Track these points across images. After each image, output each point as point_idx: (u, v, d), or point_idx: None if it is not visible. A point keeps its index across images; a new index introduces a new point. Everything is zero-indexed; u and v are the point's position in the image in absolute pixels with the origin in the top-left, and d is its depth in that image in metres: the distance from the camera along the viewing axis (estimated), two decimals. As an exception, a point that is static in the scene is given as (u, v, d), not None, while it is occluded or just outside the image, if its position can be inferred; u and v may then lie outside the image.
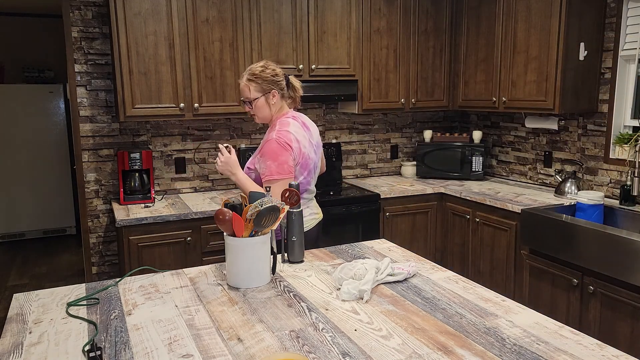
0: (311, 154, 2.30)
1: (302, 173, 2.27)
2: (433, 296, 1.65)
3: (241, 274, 1.73)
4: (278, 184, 2.13)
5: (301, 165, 2.25)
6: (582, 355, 1.26)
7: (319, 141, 2.41)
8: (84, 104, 3.29)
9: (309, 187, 2.38)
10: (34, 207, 5.86)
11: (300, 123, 2.28)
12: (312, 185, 2.40)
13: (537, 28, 3.17)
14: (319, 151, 2.40)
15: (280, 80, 2.24)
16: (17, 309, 1.59)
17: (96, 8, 3.25)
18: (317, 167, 2.40)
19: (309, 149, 2.28)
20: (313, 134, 2.35)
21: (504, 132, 3.97)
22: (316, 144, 2.37)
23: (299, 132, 2.24)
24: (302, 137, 2.26)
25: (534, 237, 2.86)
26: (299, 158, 2.23)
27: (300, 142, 2.24)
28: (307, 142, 2.28)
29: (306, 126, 2.32)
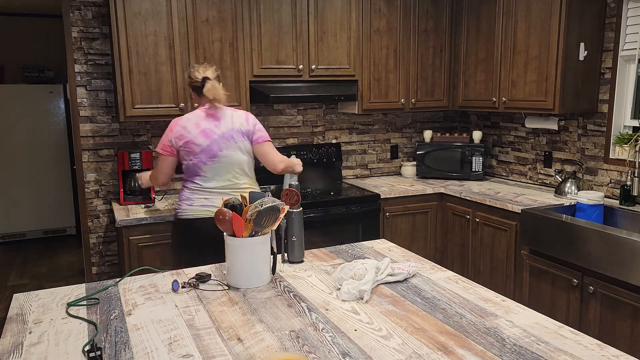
0: (197, 139, 2.47)
1: (189, 155, 2.51)
2: (433, 296, 1.65)
3: (241, 274, 1.73)
4: (158, 157, 2.57)
5: (185, 148, 2.50)
6: (582, 355, 1.26)
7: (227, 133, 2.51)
8: (84, 104, 3.29)
9: (201, 173, 2.51)
10: (34, 207, 5.86)
11: (204, 114, 2.53)
12: (205, 171, 2.51)
13: (537, 28, 3.17)
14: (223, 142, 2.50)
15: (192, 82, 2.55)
16: (17, 309, 1.59)
17: (96, 8, 3.25)
18: (214, 155, 2.49)
19: (194, 134, 2.48)
20: (221, 126, 2.52)
21: (504, 132, 3.97)
22: (221, 134, 2.50)
23: (191, 119, 2.52)
24: (193, 124, 2.50)
25: (534, 237, 2.86)
26: (179, 141, 2.50)
27: (185, 127, 2.50)
28: (197, 129, 2.49)
29: (215, 117, 2.53)
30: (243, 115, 2.60)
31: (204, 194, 2.53)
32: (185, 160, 2.52)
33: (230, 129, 2.53)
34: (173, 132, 2.52)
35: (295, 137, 3.89)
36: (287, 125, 3.85)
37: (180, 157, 2.55)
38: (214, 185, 2.53)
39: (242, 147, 2.56)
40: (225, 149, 2.51)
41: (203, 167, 2.51)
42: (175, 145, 2.52)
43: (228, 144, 2.52)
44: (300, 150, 3.79)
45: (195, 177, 2.54)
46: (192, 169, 2.53)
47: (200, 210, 2.51)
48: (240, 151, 2.55)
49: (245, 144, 2.57)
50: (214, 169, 2.51)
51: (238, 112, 2.60)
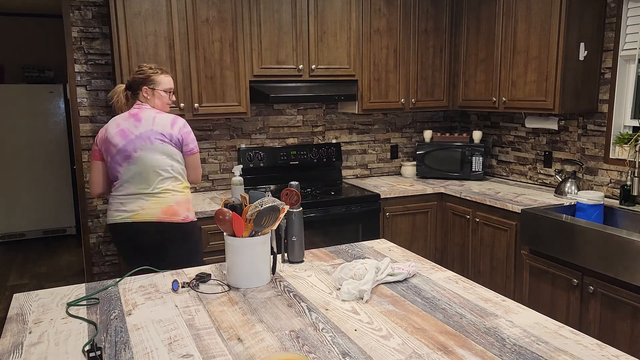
0: (114, 139, 2.38)
1: (106, 157, 2.44)
2: (433, 296, 1.65)
3: (241, 274, 1.73)
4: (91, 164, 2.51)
5: (104, 149, 2.43)
6: (582, 355, 1.26)
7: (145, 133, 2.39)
8: (84, 104, 3.29)
9: (118, 175, 2.41)
10: (34, 207, 5.86)
11: (128, 114, 2.46)
12: (122, 173, 2.40)
13: (537, 28, 3.17)
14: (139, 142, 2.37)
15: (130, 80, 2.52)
16: (17, 309, 1.59)
17: (96, 8, 3.25)
18: (129, 157, 2.37)
19: (112, 134, 2.40)
20: (141, 126, 2.40)
21: (504, 132, 3.97)
22: (138, 135, 2.38)
23: (116, 119, 2.45)
24: (114, 124, 2.43)
25: (534, 237, 2.86)
26: (101, 142, 2.44)
27: (107, 128, 2.43)
28: (116, 129, 2.40)
29: (136, 117, 2.43)
30: (169, 119, 2.44)
31: (120, 198, 2.41)
32: (105, 162, 2.45)
33: (149, 130, 2.38)
34: (99, 135, 2.46)
35: (295, 137, 3.89)
36: (287, 125, 3.85)
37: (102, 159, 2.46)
38: (129, 191, 2.39)
39: (162, 150, 2.39)
40: (140, 150, 2.37)
41: (119, 169, 2.39)
42: (100, 148, 2.44)
43: (144, 145, 2.37)
44: (300, 150, 3.79)
45: (114, 181, 2.44)
46: (110, 172, 2.43)
47: (115, 216, 2.41)
48: (159, 153, 2.39)
49: (167, 147, 2.41)
50: (129, 171, 2.38)
51: (163, 115, 2.46)
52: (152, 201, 2.39)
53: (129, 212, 2.39)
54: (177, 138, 2.44)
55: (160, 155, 2.39)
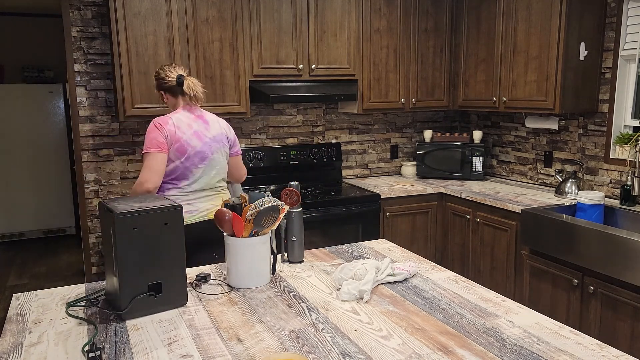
0: (192, 141, 2.38)
1: (179, 157, 2.37)
2: (433, 296, 1.65)
3: (241, 274, 1.73)
4: (147, 156, 2.32)
5: (177, 148, 2.36)
6: (583, 356, 1.26)
7: (218, 136, 2.46)
8: (83, 103, 3.29)
9: (190, 175, 2.39)
10: (34, 207, 5.86)
11: (193, 115, 2.44)
12: (195, 174, 2.40)
13: (538, 28, 3.17)
14: (214, 145, 2.44)
15: (166, 82, 2.44)
16: (16, 309, 1.59)
17: (96, 8, 3.25)
18: (205, 158, 2.41)
19: (188, 135, 2.37)
20: (212, 128, 2.46)
21: (504, 132, 3.97)
22: (212, 137, 2.44)
23: (182, 119, 2.39)
24: (185, 124, 2.38)
25: (534, 237, 2.86)
26: (172, 139, 2.35)
27: (179, 127, 2.37)
28: (190, 130, 2.38)
29: (204, 120, 2.45)
30: (226, 123, 2.56)
31: (187, 199, 2.40)
32: (174, 162, 2.37)
33: (220, 133, 2.49)
34: (165, 131, 2.35)
35: (295, 137, 3.89)
36: (287, 125, 3.85)
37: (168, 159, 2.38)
38: (197, 187, 2.42)
39: (225, 153, 2.53)
40: (216, 152, 2.46)
41: (194, 170, 2.40)
42: (169, 143, 2.36)
43: (218, 147, 2.47)
44: (300, 150, 3.79)
45: (181, 180, 2.40)
46: (181, 172, 2.39)
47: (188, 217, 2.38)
48: (224, 156, 2.52)
49: (227, 150, 2.54)
50: (203, 172, 2.43)
51: (221, 119, 2.55)
52: (218, 199, 2.51)
53: (202, 212, 2.44)
54: (232, 141, 2.57)
55: (224, 157, 2.52)
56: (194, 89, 2.41)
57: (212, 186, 2.49)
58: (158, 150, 2.33)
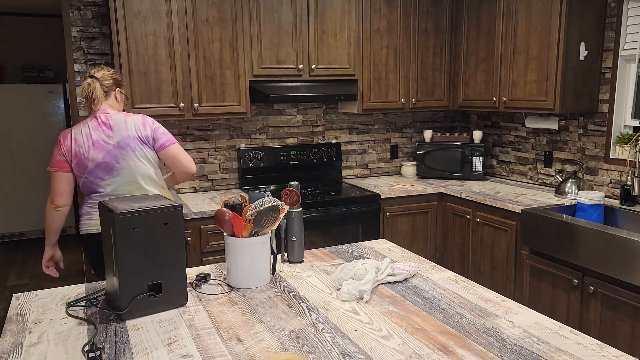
0: (90, 153, 2.21)
1: (82, 172, 2.24)
2: (433, 296, 1.65)
3: (241, 274, 1.73)
4: (51, 174, 2.27)
5: (76, 163, 2.24)
6: (583, 356, 1.26)
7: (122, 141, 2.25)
8: (83, 103, 3.29)
9: (99, 189, 2.26)
10: (34, 207, 5.86)
11: (97, 122, 2.25)
12: (104, 187, 2.26)
13: (538, 28, 3.17)
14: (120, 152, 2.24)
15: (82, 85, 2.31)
16: (16, 309, 1.59)
17: (96, 8, 3.25)
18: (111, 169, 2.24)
19: (85, 148, 2.21)
20: (116, 134, 2.24)
21: (504, 132, 3.97)
22: (116, 143, 2.23)
23: (83, 130, 2.24)
24: (85, 136, 2.23)
25: (534, 237, 2.86)
26: (70, 155, 2.24)
27: (76, 140, 2.23)
28: (88, 142, 2.22)
29: (108, 125, 2.25)
30: (139, 119, 2.31)
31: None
32: (80, 178, 2.26)
33: (127, 136, 2.25)
34: (63, 147, 2.23)
35: (295, 137, 3.89)
36: (287, 125, 3.85)
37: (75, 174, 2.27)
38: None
39: (142, 155, 2.29)
40: (124, 159, 2.25)
41: (100, 183, 2.25)
42: (68, 160, 2.24)
43: (125, 153, 2.25)
44: (300, 150, 3.79)
45: (93, 194, 2.28)
46: (88, 187, 2.26)
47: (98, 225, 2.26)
48: (143, 158, 2.29)
49: (146, 151, 2.30)
50: (113, 184, 2.26)
51: (133, 117, 2.30)
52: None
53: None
54: (151, 137, 2.31)
55: (141, 162, 2.28)
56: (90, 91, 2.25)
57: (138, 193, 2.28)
58: (56, 169, 2.26)
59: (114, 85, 2.36)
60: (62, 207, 2.28)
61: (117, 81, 2.38)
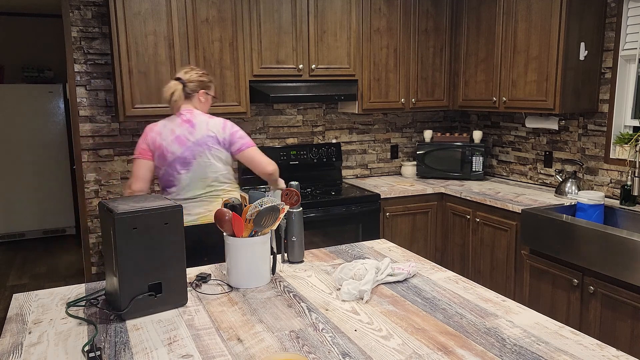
0: (171, 146, 2.37)
1: (162, 163, 2.40)
2: (433, 296, 1.65)
3: (241, 274, 1.73)
4: (134, 161, 2.42)
5: (159, 155, 2.39)
6: (583, 356, 1.26)
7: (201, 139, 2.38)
8: (83, 103, 3.29)
9: (175, 181, 2.40)
10: (34, 207, 5.86)
11: (180, 120, 2.41)
12: (180, 180, 2.39)
13: (538, 28, 3.17)
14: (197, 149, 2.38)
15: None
16: (16, 309, 1.59)
17: (96, 8, 3.25)
18: (187, 163, 2.38)
19: (168, 142, 2.37)
20: (197, 132, 2.39)
21: (504, 132, 3.97)
22: (195, 141, 2.38)
23: (167, 125, 2.40)
24: (169, 130, 2.39)
25: (534, 237, 2.86)
26: (154, 146, 2.40)
27: (161, 133, 2.39)
28: (172, 136, 2.38)
29: (190, 123, 2.41)
30: (220, 122, 2.45)
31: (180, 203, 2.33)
32: (160, 169, 2.41)
33: (205, 136, 2.40)
34: (148, 137, 2.40)
35: (295, 137, 3.89)
36: (287, 125, 3.85)
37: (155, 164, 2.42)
38: (188, 195, 2.41)
39: (217, 155, 2.43)
40: (200, 156, 2.39)
41: (177, 176, 2.39)
42: (151, 149, 2.40)
43: (201, 150, 2.39)
44: (300, 150, 3.79)
45: (169, 187, 2.43)
46: (166, 178, 2.42)
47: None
48: (215, 159, 2.42)
49: (222, 152, 2.44)
50: (188, 178, 2.40)
51: (215, 120, 2.45)
52: (215, 204, 2.46)
53: (193, 215, 2.41)
54: (229, 141, 2.44)
55: (215, 161, 2.42)
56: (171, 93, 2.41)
57: (204, 191, 2.43)
58: (139, 156, 2.41)
59: (199, 88, 2.47)
60: (137, 191, 2.40)
61: (203, 83, 2.48)
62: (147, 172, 2.41)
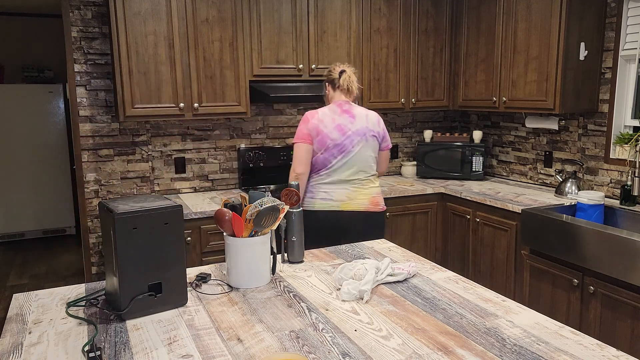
0: (332, 134, 2.59)
1: (320, 148, 2.62)
2: (433, 296, 1.65)
3: (241, 274, 1.73)
4: (294, 146, 2.63)
5: (318, 140, 2.60)
6: (583, 356, 1.26)
7: (361, 130, 2.63)
8: (83, 103, 3.29)
9: (329, 165, 2.62)
10: (34, 207, 5.86)
11: (340, 109, 2.64)
12: (333, 164, 2.62)
13: (538, 28, 3.17)
14: (356, 138, 2.62)
15: (331, 76, 2.71)
16: (16, 309, 1.59)
17: (96, 8, 3.25)
18: (344, 151, 2.61)
19: (330, 129, 2.59)
20: (356, 123, 2.63)
21: (504, 132, 3.97)
22: (355, 131, 2.62)
23: (327, 113, 2.63)
24: (329, 118, 2.61)
25: (534, 237, 2.86)
26: (313, 132, 2.60)
27: (322, 120, 2.60)
28: (333, 124, 2.60)
29: (350, 114, 2.64)
30: (376, 117, 2.70)
31: (326, 187, 2.64)
32: (317, 153, 2.62)
33: (364, 127, 2.64)
34: (309, 124, 2.61)
35: (295, 137, 3.89)
36: (287, 125, 3.85)
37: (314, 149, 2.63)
38: (335, 178, 2.63)
39: (371, 146, 2.67)
40: (357, 145, 2.62)
41: (332, 160, 2.62)
42: (313, 135, 2.61)
43: (359, 140, 2.63)
44: (300, 150, 3.78)
45: (321, 170, 2.64)
46: (321, 162, 2.63)
47: (320, 204, 2.63)
48: (369, 149, 2.66)
49: (375, 144, 2.68)
50: (342, 163, 2.62)
51: (371, 113, 2.70)
52: (360, 192, 2.66)
53: (336, 201, 2.63)
54: (382, 136, 2.72)
55: (370, 151, 2.67)
56: (349, 84, 2.67)
57: (351, 179, 2.65)
58: (302, 141, 2.62)
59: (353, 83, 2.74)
60: (301, 174, 2.62)
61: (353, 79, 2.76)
62: (308, 156, 2.63)
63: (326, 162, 2.62)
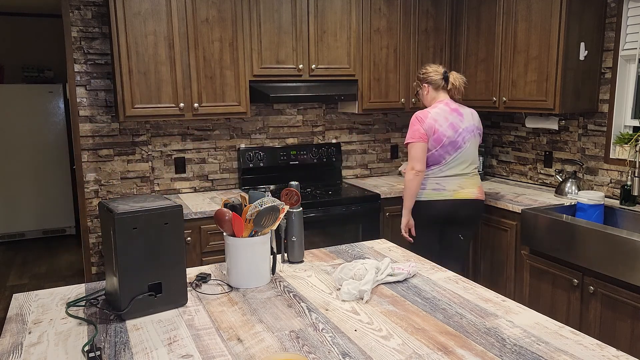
0: (447, 132, 2.79)
1: (435, 146, 2.81)
2: (433, 296, 1.65)
3: (241, 274, 1.73)
4: (411, 145, 2.82)
5: (434, 138, 2.79)
6: (583, 356, 1.26)
7: (469, 127, 2.86)
8: (83, 103, 3.29)
9: (443, 161, 2.83)
10: (34, 207, 5.86)
11: (449, 108, 2.84)
12: (447, 160, 2.83)
13: (538, 28, 3.17)
14: (467, 135, 2.84)
15: (431, 77, 2.90)
16: (16, 309, 1.59)
17: (96, 8, 3.25)
18: (457, 147, 2.82)
19: (444, 127, 2.79)
20: (465, 120, 2.85)
21: (504, 132, 3.97)
22: (465, 128, 2.83)
23: (440, 113, 2.81)
24: (442, 117, 2.80)
25: (534, 237, 2.86)
26: (430, 131, 2.79)
27: (437, 120, 2.79)
28: (446, 122, 2.80)
29: (458, 112, 2.85)
30: (477, 114, 2.94)
31: (437, 179, 2.85)
32: (431, 150, 2.81)
33: (472, 125, 2.87)
34: (425, 124, 2.79)
35: (295, 137, 3.89)
36: (287, 125, 3.85)
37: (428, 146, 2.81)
38: (449, 173, 2.84)
39: (477, 141, 2.91)
40: (468, 142, 2.84)
41: (446, 157, 2.82)
42: (428, 134, 2.78)
43: (469, 137, 2.85)
44: (300, 150, 3.79)
45: (434, 165, 2.84)
46: (435, 158, 2.82)
47: (434, 194, 2.85)
48: (475, 144, 2.90)
49: (479, 139, 2.93)
50: (454, 158, 2.83)
51: (474, 111, 2.93)
52: (469, 182, 2.89)
53: (449, 191, 2.85)
54: (481, 131, 2.97)
55: (475, 146, 2.91)
56: (459, 80, 2.89)
57: (464, 172, 2.87)
58: (419, 140, 2.80)
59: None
60: (420, 171, 2.81)
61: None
62: (424, 154, 2.82)
63: (440, 159, 2.82)
